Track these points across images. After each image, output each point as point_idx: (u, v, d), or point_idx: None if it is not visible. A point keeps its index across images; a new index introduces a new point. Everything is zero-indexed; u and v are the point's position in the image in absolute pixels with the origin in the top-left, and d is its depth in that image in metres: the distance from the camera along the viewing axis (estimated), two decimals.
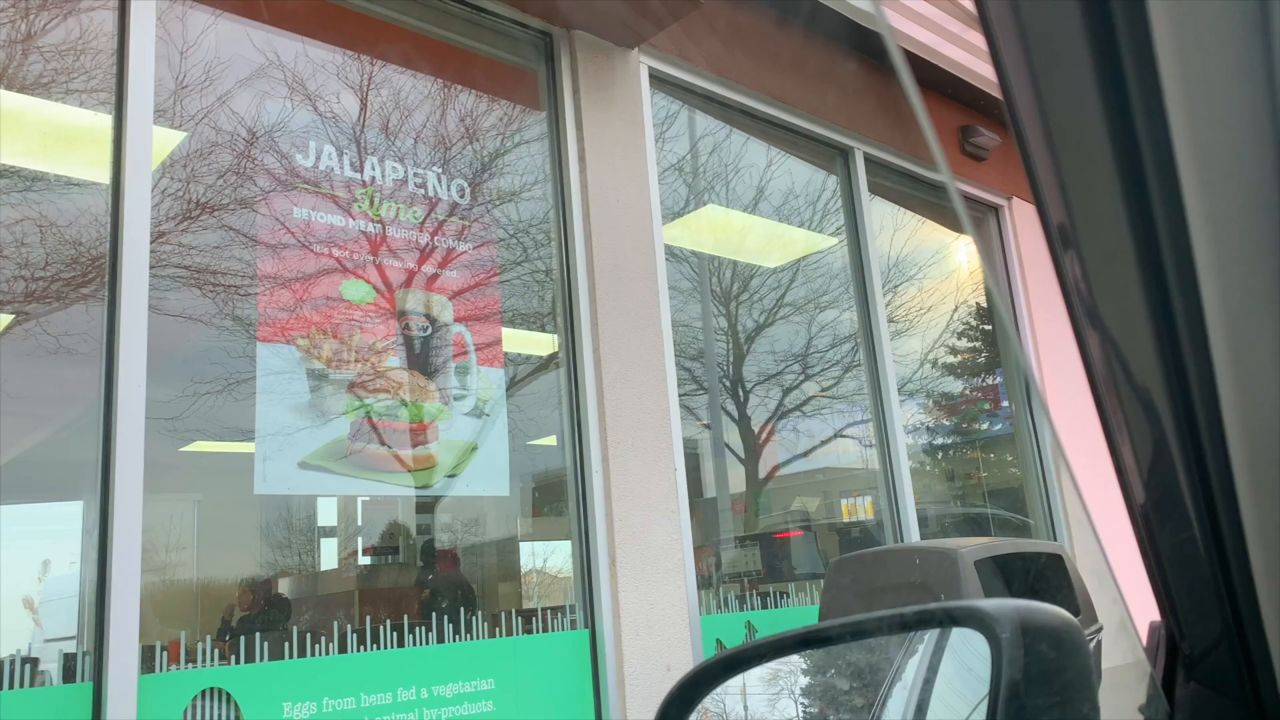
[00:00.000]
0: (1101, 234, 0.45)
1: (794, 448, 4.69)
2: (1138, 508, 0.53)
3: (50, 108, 2.76)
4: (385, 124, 3.43)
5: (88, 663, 2.40)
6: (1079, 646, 0.57)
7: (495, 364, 3.47)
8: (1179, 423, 0.47)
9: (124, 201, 2.68)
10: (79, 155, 2.79)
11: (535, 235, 3.77)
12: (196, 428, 2.89)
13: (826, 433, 4.80)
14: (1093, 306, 0.48)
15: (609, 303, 3.67)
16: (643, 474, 3.58)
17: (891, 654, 0.91)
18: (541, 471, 3.67)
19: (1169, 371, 0.46)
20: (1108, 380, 0.50)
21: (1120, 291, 0.46)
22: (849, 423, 4.88)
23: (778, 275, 4.87)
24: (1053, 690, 0.56)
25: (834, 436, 4.82)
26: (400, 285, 3.27)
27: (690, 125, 4.59)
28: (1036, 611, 0.60)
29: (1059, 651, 0.57)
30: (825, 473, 4.85)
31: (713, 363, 4.45)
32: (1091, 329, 0.48)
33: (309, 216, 3.11)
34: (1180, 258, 0.43)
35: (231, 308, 2.97)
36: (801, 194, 5.01)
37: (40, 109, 2.76)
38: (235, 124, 3.07)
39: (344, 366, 3.08)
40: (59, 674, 2.41)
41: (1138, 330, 0.46)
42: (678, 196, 4.40)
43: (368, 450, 3.07)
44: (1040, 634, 0.59)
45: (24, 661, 2.35)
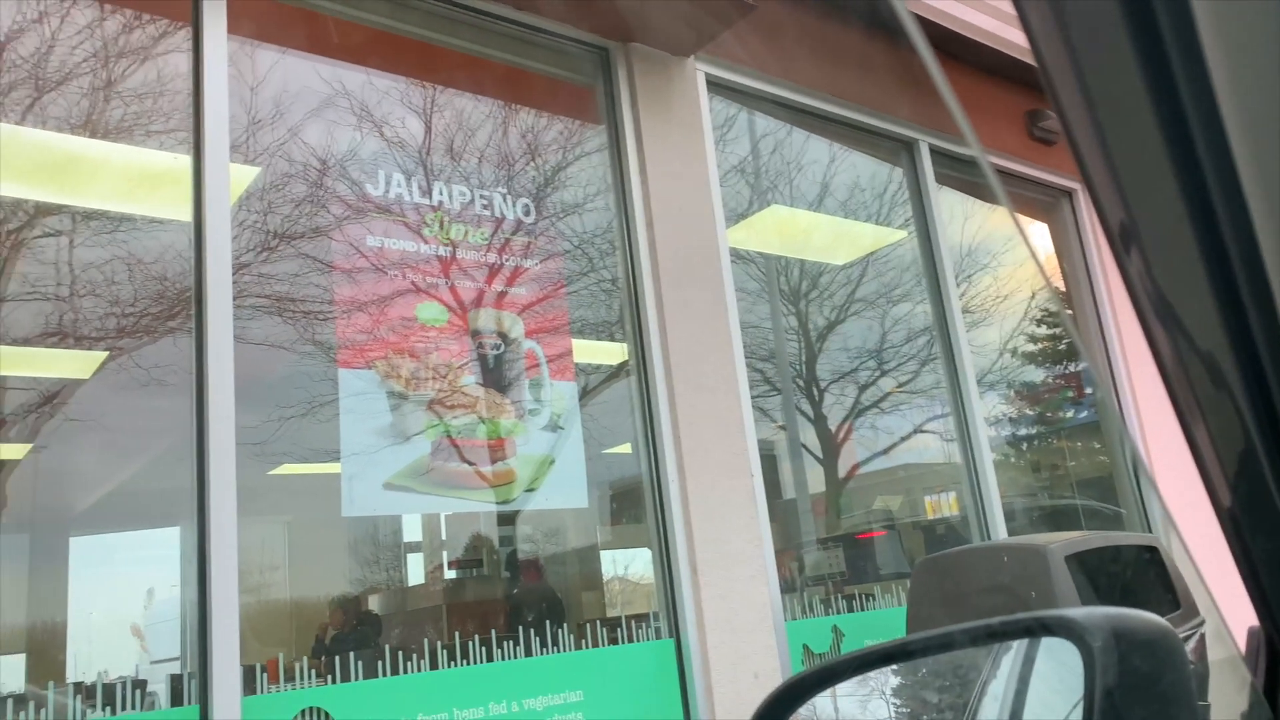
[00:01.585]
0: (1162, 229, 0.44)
1: (873, 445, 4.65)
2: (1225, 510, 0.52)
3: (132, 151, 2.87)
4: (450, 147, 3.50)
5: (193, 685, 2.48)
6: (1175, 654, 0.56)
7: (567, 376, 3.51)
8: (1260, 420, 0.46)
9: (205, 236, 2.77)
10: (161, 194, 2.89)
11: (600, 246, 3.80)
12: (284, 451, 2.95)
13: (905, 429, 4.75)
14: (1160, 303, 0.47)
15: (676, 308, 3.68)
16: (719, 479, 3.57)
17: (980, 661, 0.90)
18: (618, 479, 3.69)
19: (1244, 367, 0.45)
20: (1181, 378, 0.48)
21: (1187, 287, 0.45)
22: (928, 417, 4.82)
23: (847, 271, 4.83)
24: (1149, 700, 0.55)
25: (913, 432, 4.77)
26: (472, 304, 3.33)
27: (750, 127, 4.58)
28: (1129, 619, 0.59)
29: (1154, 660, 0.56)
30: (906, 469, 4.81)
31: (785, 363, 4.43)
32: (1161, 327, 0.47)
33: (382, 243, 3.17)
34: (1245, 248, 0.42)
35: (312, 333, 3.04)
36: (867, 188, 4.96)
37: (123, 153, 2.86)
38: (307, 155, 3.16)
39: (422, 386, 3.14)
40: (167, 696, 2.49)
41: (1208, 325, 0.45)
42: (741, 198, 4.40)
43: (449, 467, 3.12)
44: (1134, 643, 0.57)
45: (134, 685, 2.43)
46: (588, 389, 3.61)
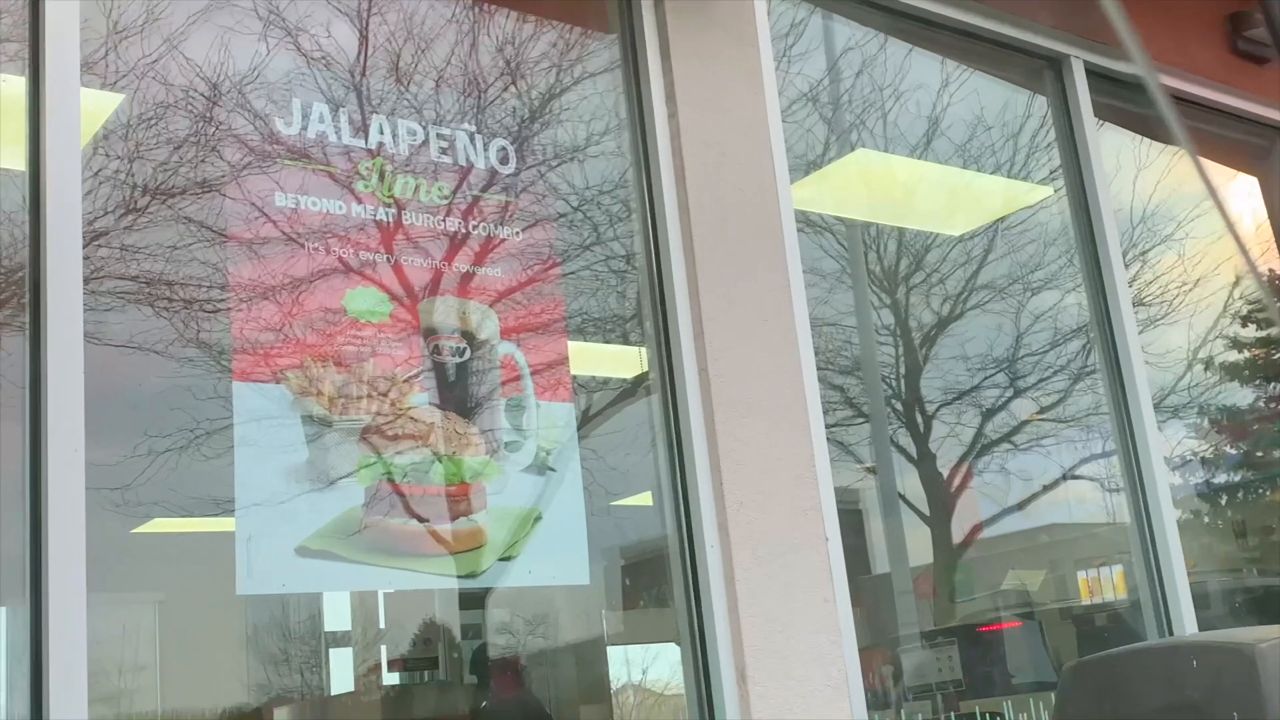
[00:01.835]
0: None
1: (1002, 497, 4.67)
2: None
3: None
4: (394, 66, 3.49)
5: None
6: None
7: (560, 395, 3.51)
8: None
9: (45, 192, 2.74)
10: None
11: (609, 208, 3.81)
12: (154, 500, 2.99)
13: (1051, 473, 4.76)
14: None
15: (717, 297, 3.66)
16: (778, 544, 3.54)
17: None
18: (633, 545, 3.75)
19: None
20: None
21: None
22: (1083, 457, 4.82)
23: (966, 245, 4.83)
24: None
25: (1062, 478, 4.79)
26: (424, 291, 3.33)
27: (826, 37, 4.58)
28: None
29: None
30: (1051, 533, 4.83)
31: (875, 378, 4.44)
32: None
33: (296, 202, 3.17)
34: None
35: (195, 331, 3.06)
36: (995, 126, 4.96)
37: None
38: (190, 77, 3.15)
39: (353, 408, 3.13)
40: None
41: None
42: (812, 140, 4.39)
43: (390, 525, 3.12)
44: None
45: None
46: (590, 413, 3.61)
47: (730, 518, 3.48)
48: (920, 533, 4.49)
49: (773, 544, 3.54)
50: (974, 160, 4.85)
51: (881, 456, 4.38)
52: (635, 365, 3.73)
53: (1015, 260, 4.90)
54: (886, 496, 4.38)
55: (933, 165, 4.75)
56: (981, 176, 4.87)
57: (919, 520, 4.48)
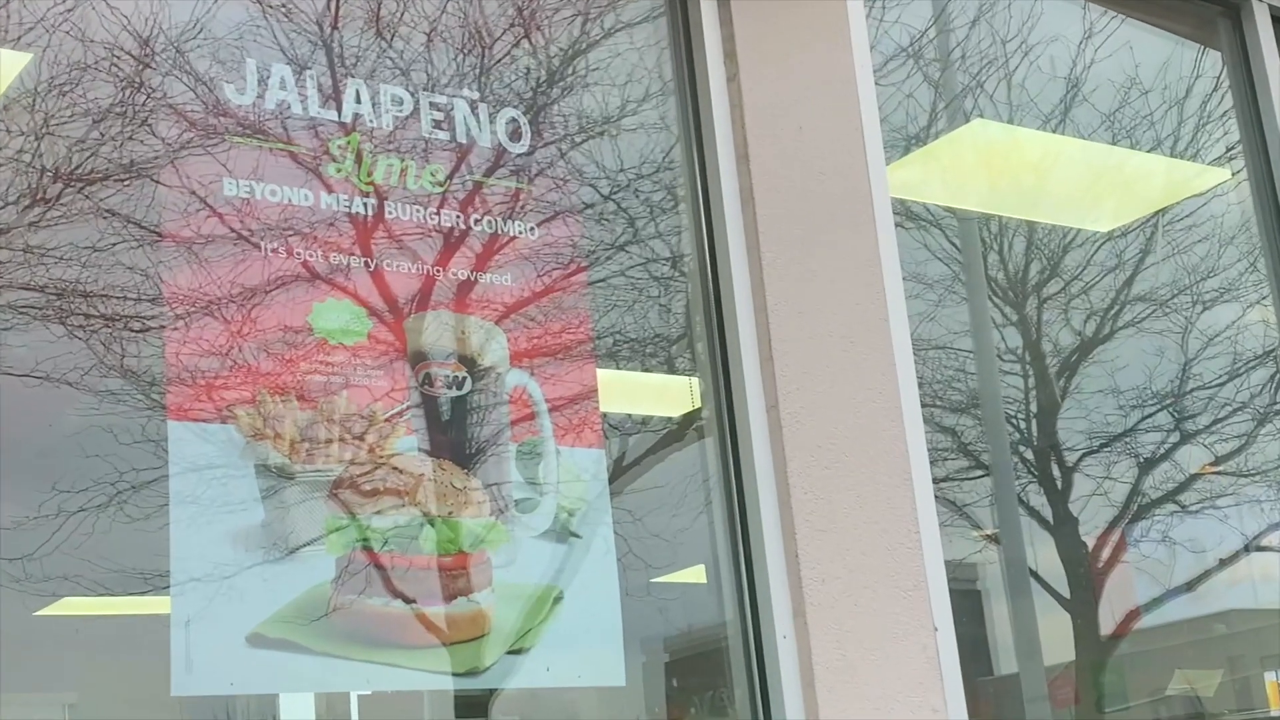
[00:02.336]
0: None
1: (1165, 575, 4.64)
2: None
3: None
4: (375, 14, 3.51)
5: None
6: None
7: (587, 439, 3.50)
8: None
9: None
10: None
11: (650, 196, 3.82)
12: (65, 574, 2.92)
13: (1229, 544, 4.74)
14: None
15: (790, 311, 3.67)
16: (871, 634, 3.53)
17: None
18: (681, 635, 3.72)
19: None
20: None
21: None
22: (1272, 523, 4.81)
23: (1116, 245, 4.81)
24: None
25: (1244, 551, 4.76)
26: (413, 304, 3.34)
27: None
28: None
29: None
30: (1229, 621, 4.82)
31: (998, 417, 4.42)
32: None
33: (250, 190, 3.19)
34: None
35: (120, 356, 3.05)
36: (1154, 90, 4.95)
37: None
38: (115, 31, 3.17)
39: (319, 455, 3.14)
40: None
41: None
42: (914, 109, 4.40)
43: (366, 608, 3.11)
44: None
45: None
46: (626, 462, 3.62)
47: (809, 600, 3.47)
48: (1058, 620, 4.46)
49: (864, 634, 3.52)
50: (1126, 134, 4.86)
51: (1007, 521, 4.38)
52: (684, 400, 3.74)
53: (1181, 264, 4.90)
54: (1013, 573, 4.38)
55: (1072, 141, 4.75)
56: (1136, 155, 4.88)
57: (1056, 604, 4.45)
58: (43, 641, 2.98)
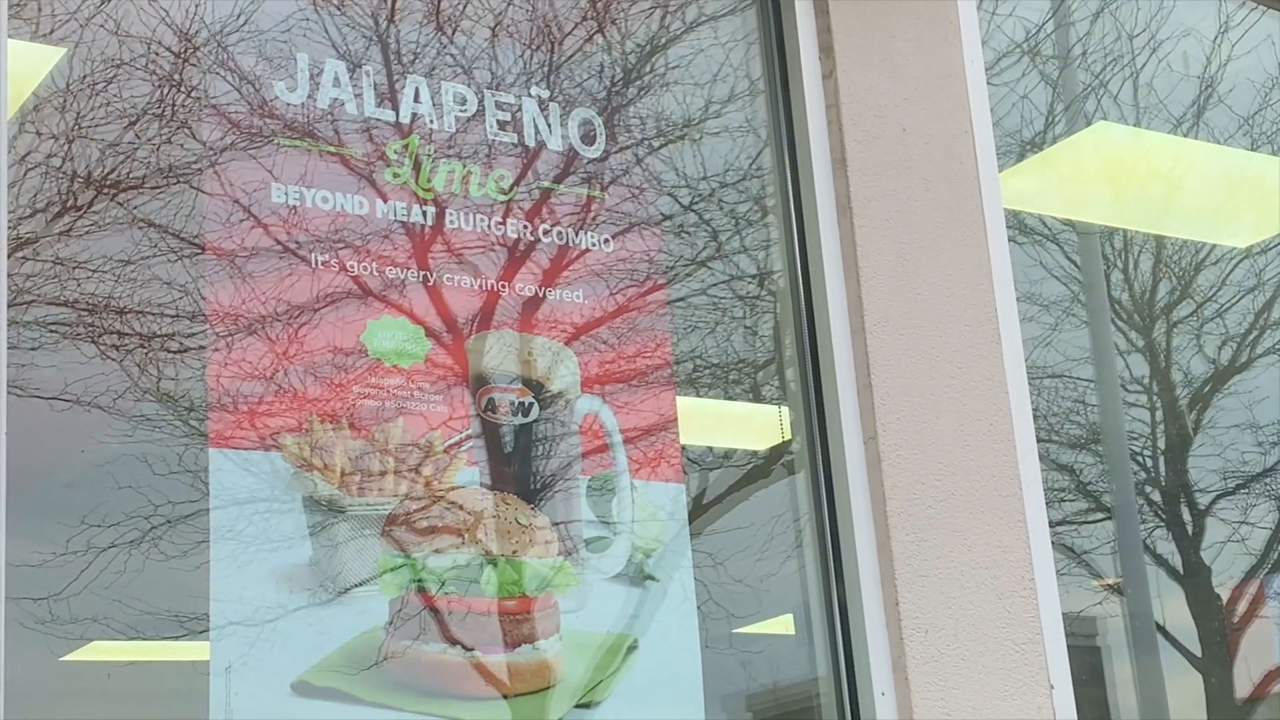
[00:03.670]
0: None
1: None
2: None
3: None
4: (436, 7, 3.49)
5: None
6: None
7: (665, 473, 3.47)
8: None
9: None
10: None
11: (736, 206, 3.82)
12: (95, 615, 2.86)
13: None
14: None
15: (892, 336, 3.64)
16: (980, 692, 3.48)
17: None
18: (766, 692, 3.68)
19: None
20: None
21: None
22: None
23: (1255, 262, 4.83)
24: None
25: None
26: (474, 323, 3.30)
27: None
28: None
29: None
30: None
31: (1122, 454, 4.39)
32: None
33: (300, 198, 3.15)
34: None
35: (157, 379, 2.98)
36: None
37: None
38: (152, 26, 3.10)
39: (372, 488, 3.10)
40: None
41: None
42: (1030, 111, 4.43)
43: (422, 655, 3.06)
44: None
45: None
46: (707, 500, 3.57)
47: (910, 653, 3.43)
48: (1189, 681, 4.45)
49: (972, 692, 3.50)
50: (1268, 139, 4.89)
51: (1132, 570, 4.36)
52: (772, 432, 3.71)
53: None
54: (1139, 628, 4.35)
55: (1206, 146, 4.82)
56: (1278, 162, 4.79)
57: (1186, 663, 4.42)
58: (70, 688, 2.92)
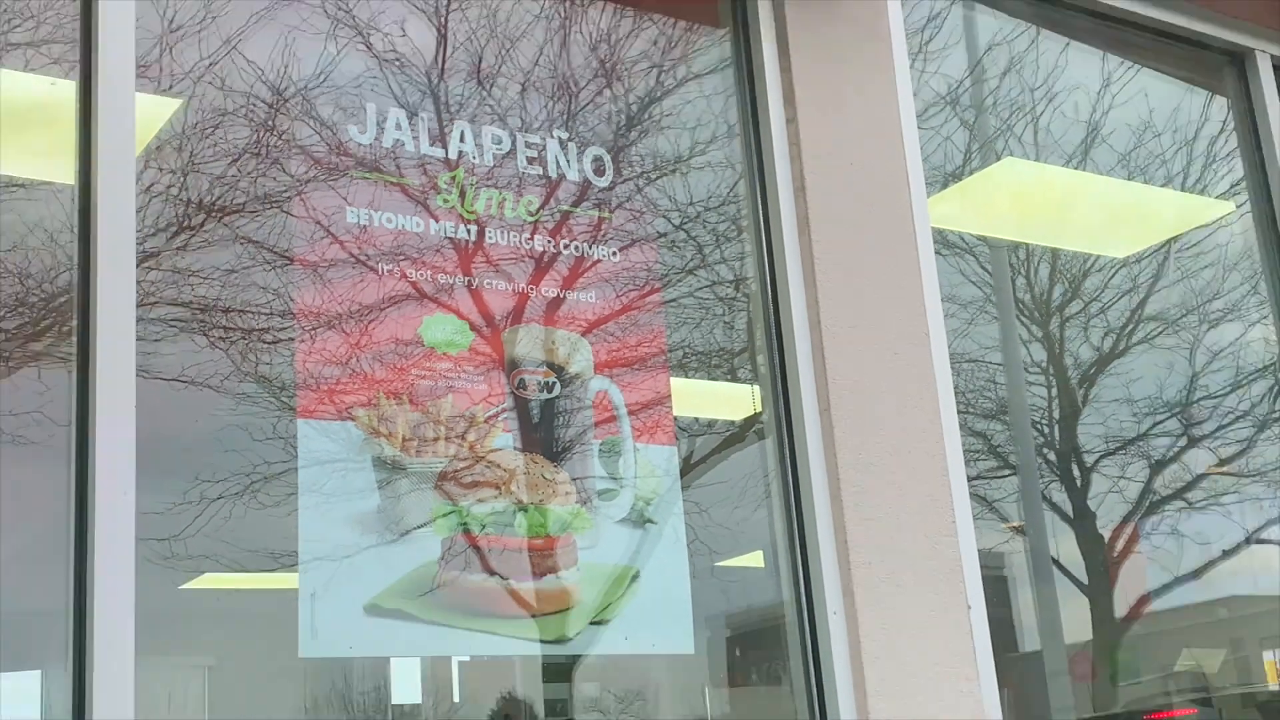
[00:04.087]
0: None
1: (1174, 564, 4.61)
2: None
3: None
4: (476, 65, 3.55)
5: None
6: None
7: (661, 438, 3.51)
8: None
9: (97, 208, 2.78)
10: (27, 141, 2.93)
11: (717, 226, 3.81)
12: (206, 553, 2.97)
13: (1232, 537, 4.70)
14: None
15: (842, 329, 3.65)
16: (912, 615, 3.52)
17: None
18: (743, 611, 3.71)
19: None
20: None
21: None
22: (1271, 518, 4.76)
23: (1131, 270, 4.79)
24: None
25: (1245, 543, 4.71)
26: (508, 319, 3.36)
27: (968, 30, 4.57)
28: None
29: None
30: (1232, 606, 4.76)
31: (1025, 422, 4.40)
32: None
33: (369, 219, 3.22)
34: None
35: (255, 364, 3.10)
36: (1166, 131, 4.90)
37: None
38: (251, 81, 3.21)
39: (428, 450, 3.16)
40: None
41: None
42: (952, 149, 4.42)
43: (468, 583, 3.14)
44: None
45: None
46: (694, 459, 3.59)
47: (856, 582, 3.46)
48: (1077, 604, 4.42)
49: (905, 613, 3.52)
50: (1140, 171, 4.83)
51: (1032, 515, 4.34)
52: (746, 406, 3.73)
53: (1190, 287, 4.86)
54: (1038, 561, 4.33)
55: (1092, 177, 4.74)
56: (1150, 190, 4.85)
57: (1076, 590, 4.42)
58: (186, 612, 3.02)
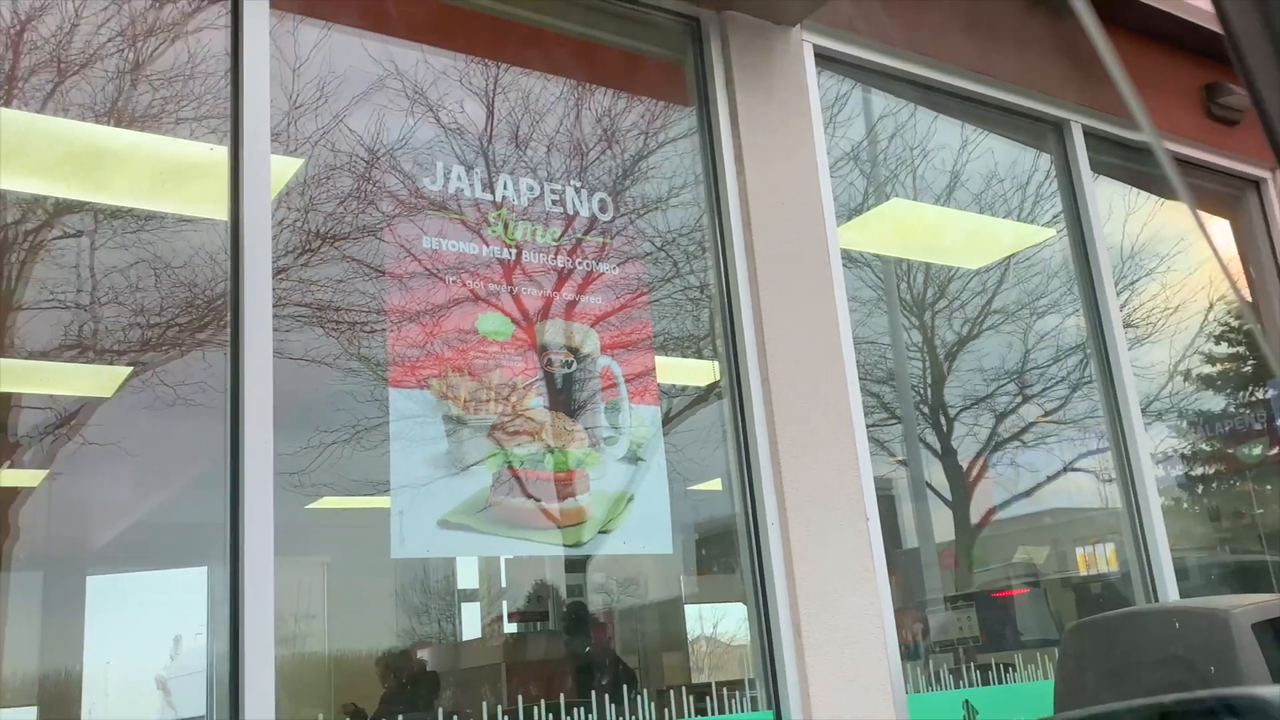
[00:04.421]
0: None
1: (1013, 486, 4.61)
2: None
3: (162, 141, 2.96)
4: (515, 134, 3.54)
5: None
6: None
7: (649, 399, 3.52)
8: None
9: (243, 237, 2.81)
10: (193, 189, 2.97)
11: (687, 247, 3.80)
12: (325, 482, 3.01)
13: (1053, 466, 4.70)
14: None
15: (777, 320, 3.65)
16: (828, 523, 3.52)
17: None
18: (706, 521, 3.69)
19: None
20: None
21: None
22: (1082, 453, 4.76)
23: (982, 277, 4.80)
24: None
25: (1063, 470, 4.71)
26: (538, 315, 3.37)
27: (865, 107, 4.56)
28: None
29: None
30: (1054, 515, 4.76)
31: (906, 386, 4.43)
32: None
33: (438, 244, 3.23)
34: None
35: (358, 347, 3.11)
36: (1007, 179, 4.91)
37: (152, 143, 2.95)
38: (353, 144, 3.22)
39: (482, 409, 3.18)
40: None
41: None
42: (855, 191, 4.41)
43: (511, 503, 3.16)
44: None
45: None
46: (672, 414, 3.60)
47: (787, 500, 3.47)
48: (944, 515, 4.44)
49: (823, 522, 3.52)
50: (989, 207, 4.83)
51: (911, 451, 4.35)
52: (709, 375, 3.72)
53: (1023, 289, 4.85)
54: (916, 484, 4.35)
55: (954, 211, 4.74)
56: (995, 220, 4.85)
57: (942, 504, 4.43)
58: (311, 525, 3.05)
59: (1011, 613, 4.47)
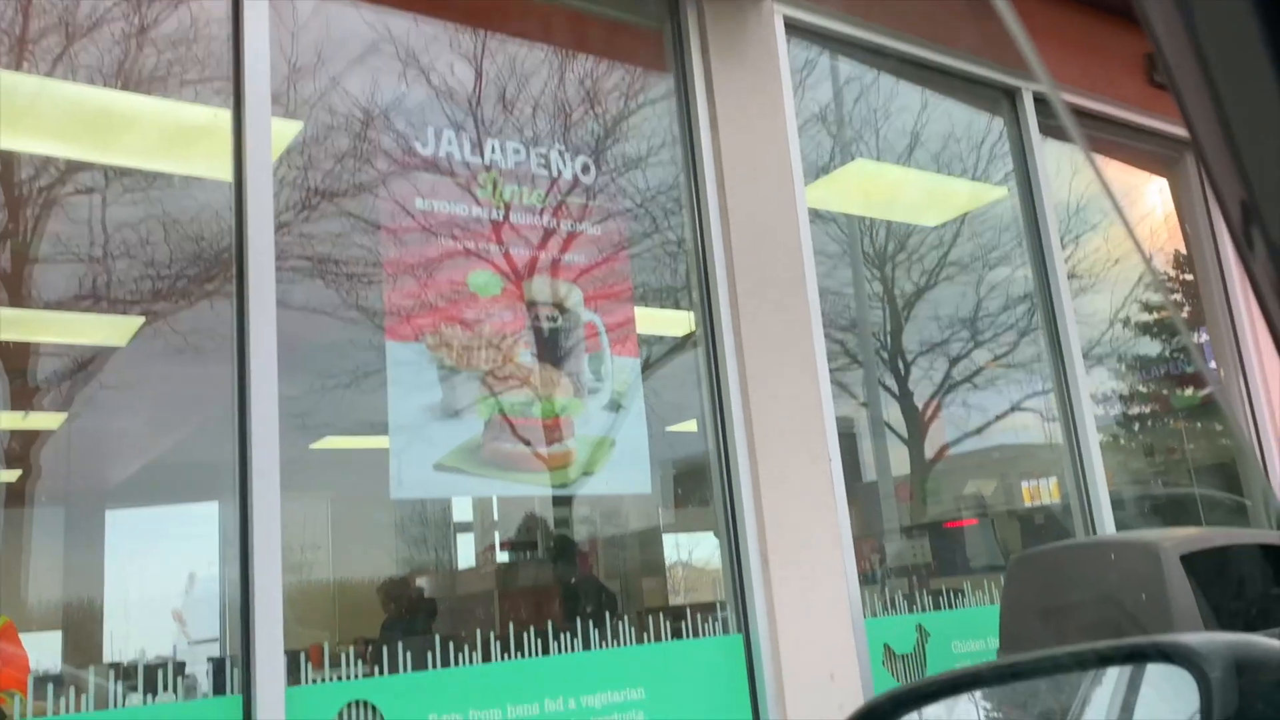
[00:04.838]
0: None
1: (964, 425, 4.62)
2: None
3: (167, 105, 2.91)
4: (502, 97, 3.48)
5: (235, 673, 2.53)
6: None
7: (629, 351, 3.50)
8: None
9: (246, 194, 2.78)
10: (199, 150, 2.93)
11: (664, 204, 3.77)
12: (327, 423, 3.01)
13: (1001, 406, 4.71)
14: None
15: (748, 273, 3.63)
16: (793, 459, 3.53)
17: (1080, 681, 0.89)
18: (682, 458, 3.70)
19: None
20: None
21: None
22: (1027, 394, 4.77)
23: (939, 233, 4.78)
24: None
25: (1010, 410, 4.73)
26: (526, 271, 3.33)
27: (832, 73, 4.51)
28: (1253, 649, 0.58)
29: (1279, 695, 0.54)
30: (1001, 451, 4.77)
31: (867, 333, 4.41)
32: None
33: (431, 204, 3.19)
34: None
35: (356, 299, 3.07)
36: (962, 141, 4.89)
37: (158, 106, 2.91)
38: (350, 106, 3.16)
39: (474, 360, 3.16)
40: (206, 680, 2.56)
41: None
42: (821, 152, 4.38)
43: (502, 448, 3.15)
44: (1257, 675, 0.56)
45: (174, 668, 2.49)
46: (650, 361, 3.59)
47: (756, 438, 3.48)
48: (900, 451, 4.47)
49: (788, 459, 3.53)
50: (946, 167, 4.80)
51: (871, 393, 4.37)
52: (684, 325, 3.72)
53: (976, 243, 4.83)
54: (875, 424, 4.36)
55: (913, 170, 4.72)
56: (951, 179, 4.82)
57: (899, 442, 4.46)
58: (315, 463, 3.04)
59: (961, 542, 4.49)
